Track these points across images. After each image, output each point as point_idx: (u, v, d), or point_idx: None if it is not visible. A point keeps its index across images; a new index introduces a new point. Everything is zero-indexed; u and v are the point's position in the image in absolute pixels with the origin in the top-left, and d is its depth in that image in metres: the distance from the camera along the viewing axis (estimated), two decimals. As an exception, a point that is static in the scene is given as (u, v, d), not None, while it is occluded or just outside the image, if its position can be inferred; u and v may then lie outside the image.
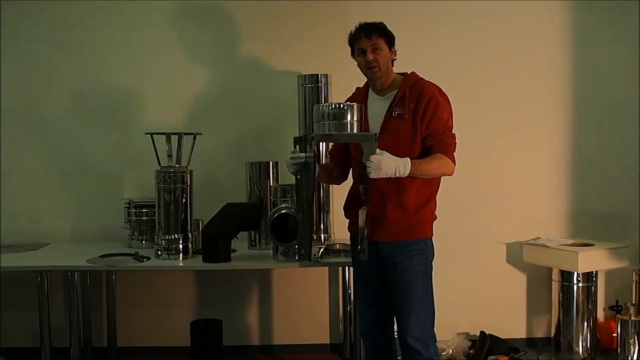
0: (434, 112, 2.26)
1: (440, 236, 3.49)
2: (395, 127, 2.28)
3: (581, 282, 3.21)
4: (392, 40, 2.36)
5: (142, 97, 3.44)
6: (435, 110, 2.26)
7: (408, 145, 2.26)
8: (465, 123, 3.45)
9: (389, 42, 2.34)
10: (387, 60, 2.33)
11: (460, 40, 3.47)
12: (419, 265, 2.32)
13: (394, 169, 2.12)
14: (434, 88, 2.33)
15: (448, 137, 2.29)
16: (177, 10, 3.43)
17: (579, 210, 3.55)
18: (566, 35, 3.50)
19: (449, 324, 3.52)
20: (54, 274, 2.75)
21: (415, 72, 2.40)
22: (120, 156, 3.44)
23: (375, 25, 2.33)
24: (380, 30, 2.32)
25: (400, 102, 2.29)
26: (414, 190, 2.28)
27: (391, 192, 2.27)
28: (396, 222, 2.28)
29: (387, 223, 2.29)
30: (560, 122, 3.53)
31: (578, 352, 3.24)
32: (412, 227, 2.31)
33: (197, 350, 3.16)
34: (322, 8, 3.43)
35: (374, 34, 2.30)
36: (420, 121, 2.25)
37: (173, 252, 2.79)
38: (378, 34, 2.30)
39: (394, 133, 2.27)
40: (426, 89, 2.30)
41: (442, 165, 2.26)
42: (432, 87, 2.33)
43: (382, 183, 2.22)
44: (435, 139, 2.27)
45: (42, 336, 2.79)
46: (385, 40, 2.32)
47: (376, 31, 2.31)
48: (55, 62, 3.41)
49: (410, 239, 2.31)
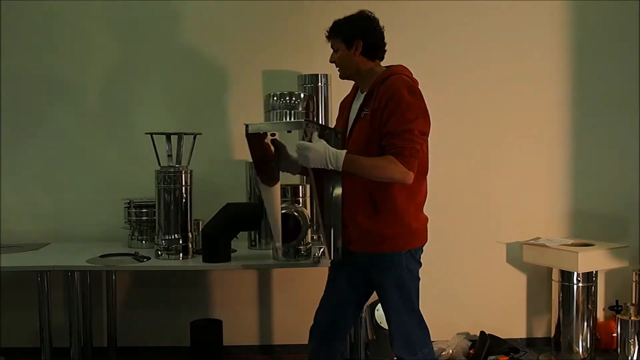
0: (393, 111, 2.03)
1: (441, 236, 3.50)
2: (358, 129, 2.15)
3: (581, 282, 3.21)
4: (352, 35, 2.16)
5: (142, 97, 3.44)
6: (395, 108, 2.03)
7: (365, 146, 2.09)
8: (465, 123, 3.48)
9: (347, 39, 2.17)
10: (346, 59, 2.19)
11: (460, 40, 3.47)
12: (394, 279, 2.16)
13: (325, 160, 1.97)
14: (403, 84, 2.08)
15: (405, 140, 2.01)
16: (176, 11, 3.43)
17: (579, 210, 3.55)
18: (566, 35, 3.50)
19: (449, 324, 3.53)
20: (54, 274, 2.74)
21: (399, 66, 2.20)
22: (120, 156, 3.44)
23: (331, 26, 2.21)
24: (334, 31, 2.20)
25: (369, 101, 2.14)
26: (389, 198, 2.11)
27: (363, 198, 2.13)
28: (368, 232, 2.14)
29: (359, 232, 2.15)
30: (560, 122, 3.53)
31: (578, 352, 3.24)
32: (387, 239, 2.13)
33: (197, 350, 3.16)
34: (322, 8, 3.43)
35: (330, 36, 2.21)
36: (379, 120, 2.06)
37: (173, 252, 2.79)
38: (332, 35, 2.21)
39: (357, 135, 2.14)
40: (391, 85, 2.08)
41: (385, 168, 2.01)
42: (400, 82, 2.08)
43: (354, 189, 2.11)
44: (389, 140, 2.03)
45: (42, 336, 2.79)
46: (342, 39, 2.17)
47: (331, 32, 2.21)
48: (55, 61, 3.41)
49: (384, 251, 2.15)
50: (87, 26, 3.41)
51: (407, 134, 2.01)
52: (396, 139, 2.01)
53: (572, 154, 3.54)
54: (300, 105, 2.18)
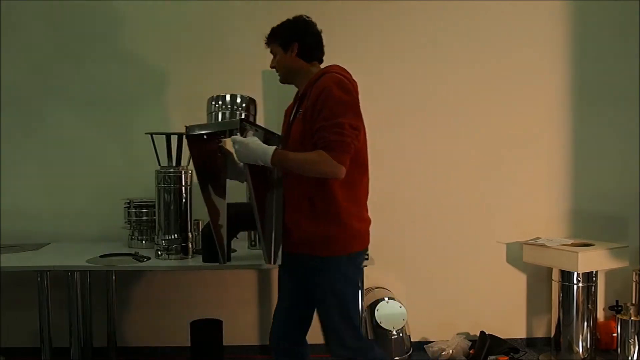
0: (323, 107, 2.00)
1: (441, 236, 3.52)
2: (294, 129, 2.14)
3: (581, 282, 3.21)
4: (288, 38, 2.19)
5: (143, 97, 3.44)
6: (324, 103, 2.00)
7: (300, 145, 2.07)
8: (465, 123, 3.48)
9: (283, 43, 2.20)
10: (283, 62, 2.22)
11: (460, 40, 3.47)
12: (329, 284, 2.11)
13: (254, 155, 1.97)
14: (333, 80, 2.04)
15: (334, 133, 1.97)
16: (176, 11, 3.43)
17: (579, 210, 3.55)
18: (566, 35, 3.50)
19: (449, 324, 3.53)
20: (54, 274, 2.74)
21: (333, 66, 2.17)
22: (120, 156, 3.44)
23: (269, 33, 2.25)
24: (271, 36, 2.24)
25: (303, 101, 2.13)
26: (328, 198, 2.06)
27: (303, 200, 2.10)
28: (309, 234, 2.09)
29: (300, 235, 2.11)
30: (560, 122, 3.53)
31: (578, 352, 3.24)
32: (327, 241, 2.08)
33: (197, 350, 3.16)
34: (322, 8, 3.43)
35: (268, 42, 2.25)
36: (310, 118, 2.04)
37: (173, 252, 2.79)
38: (270, 41, 2.25)
39: (294, 134, 2.13)
40: (322, 83, 2.05)
41: (315, 162, 1.97)
42: (330, 79, 2.05)
43: (294, 191, 2.10)
44: (318, 134, 2.00)
45: (42, 336, 2.79)
46: (279, 43, 2.21)
47: (268, 38, 2.25)
48: (55, 61, 3.41)
49: (322, 254, 2.09)
50: (88, 26, 3.41)
51: (336, 128, 1.98)
52: (325, 132, 1.98)
53: (572, 154, 3.54)
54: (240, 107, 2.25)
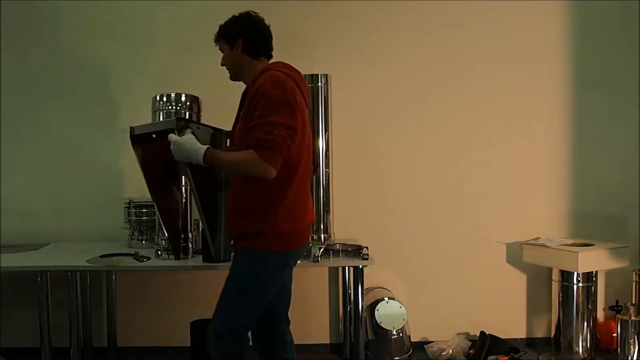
0: (257, 105, 1.98)
1: (441, 236, 3.52)
2: (236, 129, 2.12)
3: (581, 282, 3.21)
4: (233, 34, 2.19)
5: (143, 97, 3.43)
6: (259, 102, 1.97)
7: (241, 144, 2.03)
8: (464, 123, 3.48)
9: (229, 40, 2.19)
10: (231, 60, 2.21)
11: (458, 40, 3.47)
12: (234, 267, 2.14)
13: (187, 153, 2.03)
14: (270, 78, 2.01)
15: (265, 132, 1.93)
16: (176, 11, 3.43)
17: (579, 210, 3.55)
18: (566, 34, 3.50)
19: (449, 324, 3.53)
20: (54, 274, 2.74)
21: (276, 63, 2.16)
22: (121, 156, 3.44)
23: (217, 31, 2.24)
24: (217, 34, 2.24)
25: (245, 99, 2.11)
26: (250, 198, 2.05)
27: (229, 197, 2.15)
28: (231, 225, 2.14)
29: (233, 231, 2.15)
30: (560, 122, 3.53)
31: (578, 352, 3.24)
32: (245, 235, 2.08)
33: (197, 350, 3.16)
34: (322, 8, 3.43)
35: (216, 39, 2.24)
36: (248, 117, 2.01)
37: (173, 252, 2.79)
38: (217, 38, 2.24)
39: (237, 134, 2.11)
40: (260, 80, 2.03)
41: (244, 162, 1.96)
42: (268, 78, 2.02)
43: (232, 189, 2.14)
44: (250, 134, 1.97)
45: (42, 336, 2.79)
46: (225, 40, 2.20)
47: (216, 36, 2.24)
48: (55, 62, 3.42)
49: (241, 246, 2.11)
50: (88, 26, 3.42)
51: (267, 127, 1.94)
52: (256, 132, 1.95)
53: (572, 153, 3.53)
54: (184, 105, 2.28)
